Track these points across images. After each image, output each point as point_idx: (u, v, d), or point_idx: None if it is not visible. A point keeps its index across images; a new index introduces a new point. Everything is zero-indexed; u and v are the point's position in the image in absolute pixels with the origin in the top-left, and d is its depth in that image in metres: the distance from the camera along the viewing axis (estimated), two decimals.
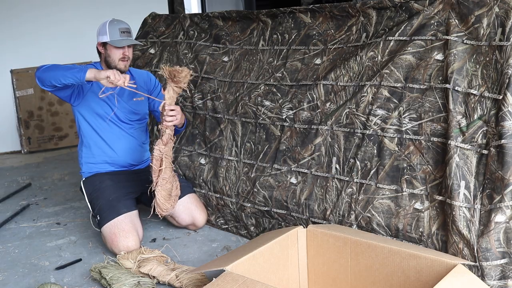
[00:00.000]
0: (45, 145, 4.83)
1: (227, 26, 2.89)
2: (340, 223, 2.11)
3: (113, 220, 2.39)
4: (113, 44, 2.46)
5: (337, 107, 2.23)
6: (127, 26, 2.53)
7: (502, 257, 1.71)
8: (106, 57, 2.53)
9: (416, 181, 1.95)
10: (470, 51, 1.88)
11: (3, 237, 2.73)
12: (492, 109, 1.77)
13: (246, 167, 2.51)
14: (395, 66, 2.07)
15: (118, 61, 2.51)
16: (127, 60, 2.54)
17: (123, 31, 2.49)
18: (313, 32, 2.47)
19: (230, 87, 2.69)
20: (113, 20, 2.52)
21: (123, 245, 2.33)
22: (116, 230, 2.37)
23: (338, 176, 2.16)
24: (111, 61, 2.51)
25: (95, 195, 2.51)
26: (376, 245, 1.74)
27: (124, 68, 2.53)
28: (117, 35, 2.47)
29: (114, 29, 2.47)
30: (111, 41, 2.46)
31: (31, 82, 4.72)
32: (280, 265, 1.84)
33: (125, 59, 2.52)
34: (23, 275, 2.27)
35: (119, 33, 2.47)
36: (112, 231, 2.37)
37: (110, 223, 2.39)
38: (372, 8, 2.25)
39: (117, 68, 2.51)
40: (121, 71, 2.52)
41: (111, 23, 2.50)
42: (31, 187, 3.63)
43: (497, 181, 1.71)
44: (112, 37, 2.47)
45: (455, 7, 1.95)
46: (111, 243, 2.37)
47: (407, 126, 2.00)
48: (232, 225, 2.62)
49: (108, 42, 2.46)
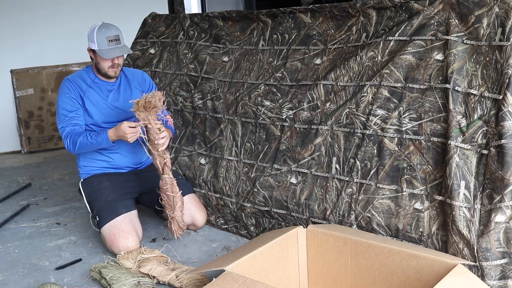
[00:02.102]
0: (45, 145, 4.83)
1: (227, 26, 2.89)
2: (340, 223, 2.11)
3: (112, 221, 2.38)
4: (100, 55, 2.42)
5: (337, 107, 2.23)
6: (116, 33, 2.45)
7: (502, 257, 1.71)
8: (96, 64, 2.52)
9: (416, 181, 1.95)
10: (470, 51, 1.88)
11: (3, 237, 2.73)
12: (492, 109, 1.77)
13: (246, 167, 2.51)
14: (395, 66, 2.07)
15: (108, 69, 2.50)
16: (117, 67, 2.52)
17: (111, 40, 2.42)
18: (313, 32, 2.47)
19: (230, 87, 2.69)
20: (101, 26, 2.44)
21: (122, 246, 2.33)
22: (115, 230, 2.37)
23: (338, 176, 2.16)
24: (101, 69, 2.51)
25: (94, 196, 2.51)
26: (376, 245, 1.74)
27: (114, 75, 2.54)
28: (105, 44, 2.41)
29: (102, 37, 2.41)
30: (98, 50, 2.42)
31: (31, 82, 4.72)
32: (280, 265, 1.84)
33: (115, 66, 2.50)
34: (23, 275, 2.27)
35: (107, 42, 2.41)
36: (112, 232, 2.37)
37: (110, 223, 2.38)
38: (372, 8, 2.25)
39: (107, 75, 2.53)
40: (111, 77, 2.55)
41: (99, 30, 2.42)
42: (31, 187, 3.63)
43: (497, 181, 1.71)
44: (100, 46, 2.42)
45: (455, 7, 1.95)
46: (110, 244, 2.37)
47: (407, 126, 2.00)
48: (232, 225, 2.62)
49: (96, 51, 2.44)
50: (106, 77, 2.56)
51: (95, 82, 2.57)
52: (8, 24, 4.61)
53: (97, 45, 2.42)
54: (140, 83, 2.71)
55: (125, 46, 2.50)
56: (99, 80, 2.58)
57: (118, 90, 2.62)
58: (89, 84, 2.55)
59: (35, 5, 4.70)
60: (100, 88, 2.57)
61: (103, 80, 2.58)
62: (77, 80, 2.54)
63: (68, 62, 4.84)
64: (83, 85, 2.54)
